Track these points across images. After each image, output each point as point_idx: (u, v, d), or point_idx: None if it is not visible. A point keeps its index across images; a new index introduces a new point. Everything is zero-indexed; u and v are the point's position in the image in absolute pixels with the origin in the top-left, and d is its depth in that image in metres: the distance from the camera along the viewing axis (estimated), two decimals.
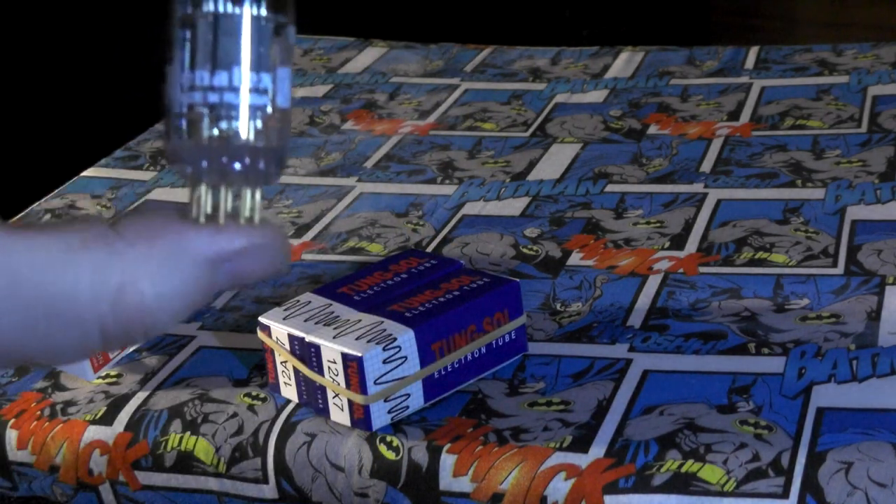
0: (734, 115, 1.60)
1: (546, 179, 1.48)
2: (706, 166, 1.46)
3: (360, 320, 1.05)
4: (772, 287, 1.19)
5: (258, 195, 0.37)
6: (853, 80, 1.67)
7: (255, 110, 0.35)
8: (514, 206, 1.42)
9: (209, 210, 0.37)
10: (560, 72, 1.83)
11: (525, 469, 0.97)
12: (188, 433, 1.07)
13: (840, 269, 1.20)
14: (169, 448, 1.06)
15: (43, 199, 1.58)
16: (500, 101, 1.74)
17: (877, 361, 1.05)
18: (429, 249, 1.33)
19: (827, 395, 1.01)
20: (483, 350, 1.08)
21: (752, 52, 1.81)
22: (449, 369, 1.06)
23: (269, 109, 0.36)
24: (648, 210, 1.37)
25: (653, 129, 1.59)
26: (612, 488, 0.94)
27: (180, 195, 1.55)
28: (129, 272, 0.37)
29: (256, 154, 0.36)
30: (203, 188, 0.37)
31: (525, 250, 1.31)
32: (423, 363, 1.04)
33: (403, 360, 1.03)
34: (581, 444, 0.99)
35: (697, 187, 1.41)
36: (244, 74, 0.35)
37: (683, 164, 1.48)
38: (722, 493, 0.92)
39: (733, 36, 2.96)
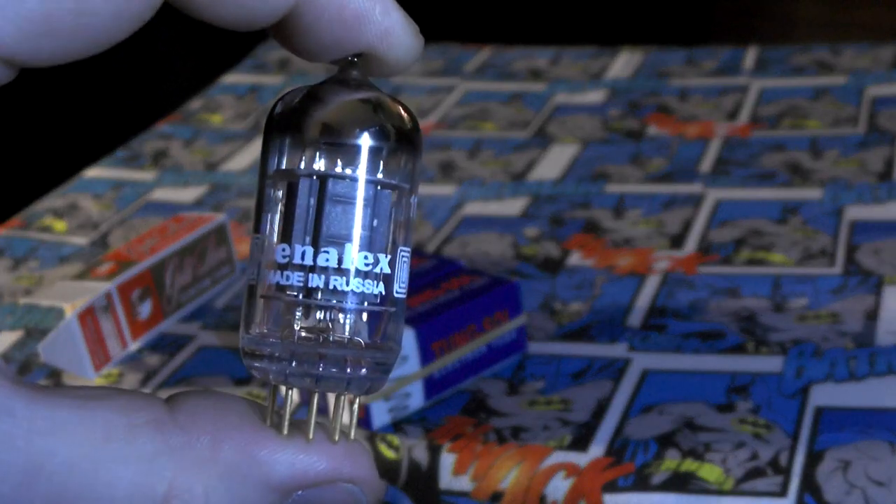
0: (733, 116, 1.61)
1: (546, 179, 1.48)
2: (705, 166, 1.47)
3: None
4: (770, 287, 1.19)
5: (356, 406, 0.30)
6: (851, 81, 1.67)
7: (364, 300, 0.28)
8: (514, 206, 1.42)
9: (290, 416, 0.29)
10: (560, 72, 1.83)
11: (525, 468, 0.97)
12: None
13: (838, 269, 1.21)
14: None
15: (44, 199, 1.59)
16: (501, 102, 1.74)
17: (874, 361, 1.05)
18: (429, 249, 1.33)
19: (825, 394, 1.02)
20: (483, 350, 1.08)
21: (752, 53, 1.82)
22: (449, 369, 1.06)
23: (383, 301, 0.28)
24: (648, 210, 1.38)
25: (652, 130, 1.60)
26: (612, 487, 0.95)
27: (181, 196, 1.55)
28: (183, 478, 0.27)
29: (362, 356, 0.28)
30: (289, 392, 0.29)
31: (525, 250, 1.32)
32: (424, 362, 1.04)
33: (404, 359, 1.03)
34: (580, 442, 0.99)
35: (696, 187, 1.42)
36: (355, 254, 0.27)
37: (682, 165, 1.48)
38: (721, 492, 0.93)
39: (733, 36, 2.97)
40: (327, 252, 0.27)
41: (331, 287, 0.27)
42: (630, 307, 1.18)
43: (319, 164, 0.27)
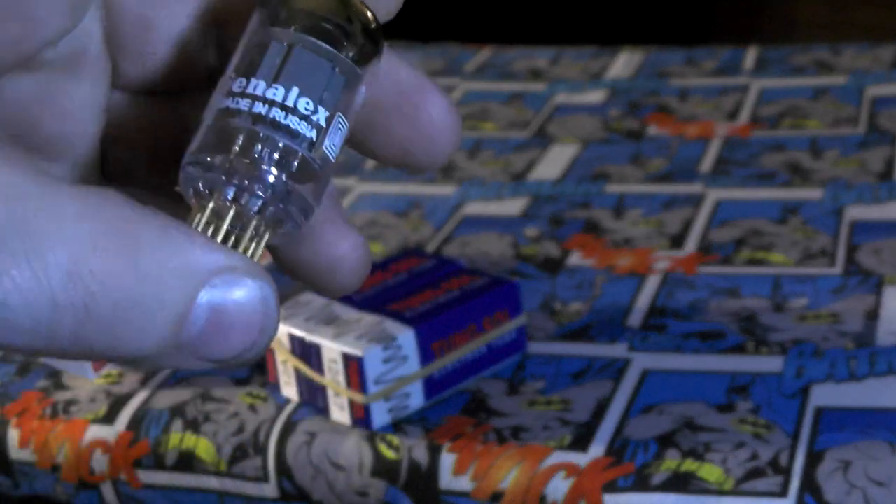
0: (733, 116, 1.61)
1: (546, 179, 1.48)
2: (705, 166, 1.47)
3: (360, 320, 1.06)
4: (770, 287, 1.19)
5: (266, 238, 0.31)
6: (851, 81, 1.67)
7: (298, 140, 0.31)
8: (514, 206, 1.42)
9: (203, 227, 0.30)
10: (560, 72, 1.83)
11: (525, 468, 0.97)
12: (189, 432, 1.07)
13: (838, 269, 1.21)
14: (170, 447, 1.07)
15: None
16: (501, 102, 1.74)
17: (875, 361, 1.05)
18: (429, 249, 1.33)
19: (825, 395, 1.02)
20: (483, 350, 1.08)
21: (752, 53, 1.82)
22: (449, 369, 1.06)
23: (311, 147, 0.31)
24: (648, 210, 1.38)
25: (652, 130, 1.60)
26: (612, 487, 0.95)
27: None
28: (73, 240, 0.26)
29: (283, 189, 0.30)
30: (208, 206, 0.30)
31: (525, 250, 1.32)
32: (424, 362, 1.04)
33: (404, 359, 1.03)
34: (580, 443, 0.99)
35: (696, 187, 1.42)
36: (299, 97, 0.31)
37: (683, 165, 1.48)
38: (721, 492, 0.93)
39: (733, 36, 2.97)
40: (276, 89, 0.31)
41: (271, 116, 0.30)
42: (630, 307, 1.18)
43: (289, 34, 0.31)
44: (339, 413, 1.04)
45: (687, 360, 1.09)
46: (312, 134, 0.31)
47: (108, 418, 1.10)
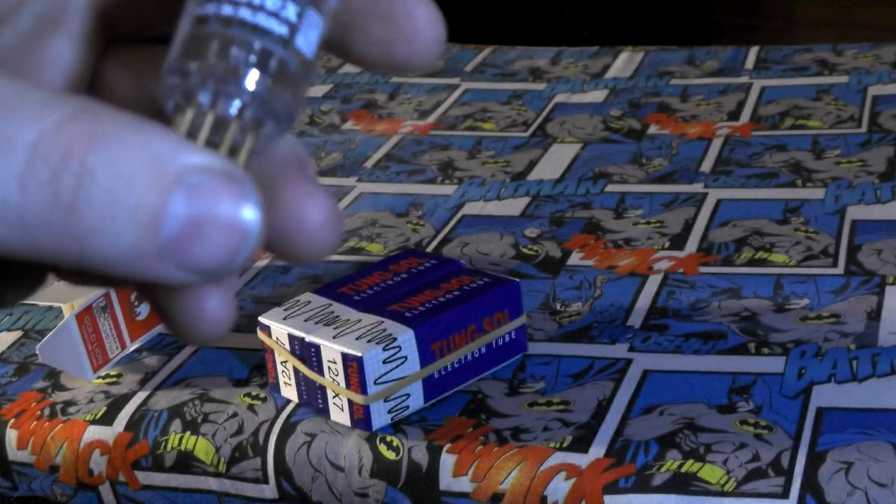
0: (734, 115, 1.61)
1: (546, 179, 1.48)
2: (706, 166, 1.47)
3: (360, 320, 1.05)
4: (772, 287, 1.19)
5: (248, 142, 0.30)
6: (853, 81, 1.67)
7: (272, 39, 0.30)
8: (514, 206, 1.42)
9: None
10: (560, 72, 1.83)
11: (525, 469, 0.97)
12: (188, 433, 1.07)
13: (840, 269, 1.20)
14: (169, 448, 1.07)
15: None
16: (500, 101, 1.74)
17: (877, 361, 1.05)
18: (429, 249, 1.33)
19: (827, 395, 1.02)
20: (483, 350, 1.08)
21: (752, 53, 1.81)
22: (449, 369, 1.06)
23: (286, 45, 0.31)
24: (648, 210, 1.37)
25: (653, 129, 1.59)
26: (612, 488, 0.94)
27: None
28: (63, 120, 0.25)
29: (260, 90, 0.30)
30: (187, 113, 0.30)
31: (525, 250, 1.31)
32: (423, 363, 1.04)
33: (403, 359, 1.03)
34: (581, 443, 0.99)
35: (697, 187, 1.41)
36: None
37: (683, 164, 1.48)
38: (722, 493, 0.92)
39: (733, 36, 2.96)
40: None
41: (239, 17, 0.30)
42: (631, 307, 1.18)
43: None
44: (339, 414, 1.04)
45: (688, 360, 1.09)
46: (283, 30, 0.30)
47: (107, 419, 1.10)
